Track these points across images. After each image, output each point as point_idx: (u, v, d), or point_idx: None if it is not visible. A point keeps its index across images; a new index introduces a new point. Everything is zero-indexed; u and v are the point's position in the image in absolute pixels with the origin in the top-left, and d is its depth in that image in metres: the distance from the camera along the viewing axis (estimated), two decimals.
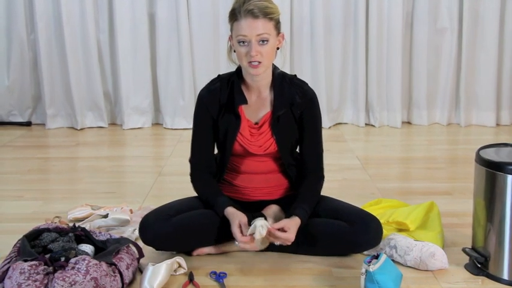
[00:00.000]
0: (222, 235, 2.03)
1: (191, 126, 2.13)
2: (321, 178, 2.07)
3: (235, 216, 1.92)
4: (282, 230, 1.89)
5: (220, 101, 2.01)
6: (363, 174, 3.16)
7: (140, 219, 2.06)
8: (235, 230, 1.87)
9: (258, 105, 2.04)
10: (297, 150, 2.14)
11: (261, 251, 2.00)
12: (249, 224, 1.91)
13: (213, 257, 2.10)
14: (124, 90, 4.25)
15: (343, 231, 1.98)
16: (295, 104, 2.01)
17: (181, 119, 4.29)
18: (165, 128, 4.31)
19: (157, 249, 2.04)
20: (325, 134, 2.18)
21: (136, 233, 2.21)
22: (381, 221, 2.09)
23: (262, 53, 1.90)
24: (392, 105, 4.29)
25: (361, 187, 2.93)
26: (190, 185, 2.12)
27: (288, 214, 1.96)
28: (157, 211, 2.02)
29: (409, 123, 4.38)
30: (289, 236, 1.88)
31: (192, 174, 2.09)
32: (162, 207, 2.04)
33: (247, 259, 2.09)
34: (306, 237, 2.01)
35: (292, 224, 1.91)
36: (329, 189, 2.21)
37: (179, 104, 4.27)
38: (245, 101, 2.00)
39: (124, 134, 4.17)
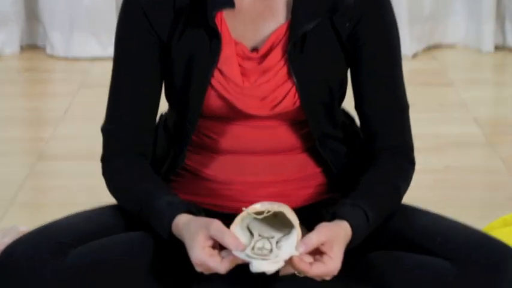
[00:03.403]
0: (178, 280, 1.87)
1: (109, 53, 2.02)
2: (407, 162, 1.94)
3: (195, 227, 1.74)
4: (317, 251, 1.71)
5: (175, 4, 1.89)
6: (488, 157, 3.10)
7: None
8: (201, 255, 1.68)
9: (258, 12, 1.92)
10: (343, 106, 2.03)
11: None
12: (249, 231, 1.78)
13: None
14: None
15: (444, 281, 1.76)
16: (339, 6, 1.87)
17: (87, 37, 4.08)
18: (50, 55, 4.15)
19: None
20: (406, 69, 1.97)
21: None
22: None
23: None
24: None
25: (484, 184, 2.86)
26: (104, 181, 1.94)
27: (327, 215, 1.81)
28: (36, 237, 1.83)
29: None
30: (330, 268, 1.70)
31: (105, 158, 1.94)
32: (47, 229, 1.86)
33: None
34: (364, 285, 1.86)
35: (337, 238, 1.73)
36: (416, 189, 1.99)
37: (82, 7, 4.06)
38: (229, 2, 1.85)
39: None
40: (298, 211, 1.81)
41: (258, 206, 1.71)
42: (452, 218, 1.87)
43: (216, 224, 1.68)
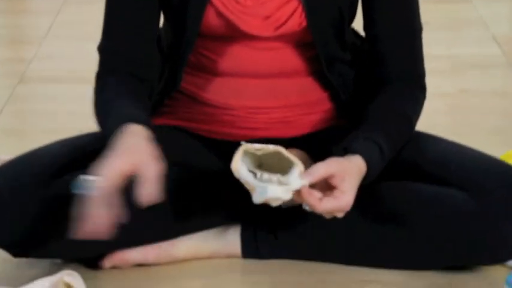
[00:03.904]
0: (172, 214, 1.88)
1: None
2: (417, 88, 1.95)
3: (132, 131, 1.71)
4: (327, 185, 1.70)
5: None
6: (508, 79, 3.09)
7: None
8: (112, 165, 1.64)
9: None
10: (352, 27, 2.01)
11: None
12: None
13: (150, 271, 1.91)
14: None
15: (459, 212, 1.81)
16: None
17: None
18: None
19: (16, 256, 1.86)
20: None
21: None
22: None
23: None
24: None
25: (503, 109, 2.82)
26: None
27: (337, 151, 1.79)
28: (17, 166, 1.88)
29: None
30: (342, 204, 1.70)
31: (99, 75, 1.91)
32: (29, 158, 1.90)
33: (239, 272, 1.91)
34: (376, 224, 1.89)
35: (349, 171, 1.74)
36: (430, 114, 2.03)
37: None
38: None
39: None
40: (302, 139, 1.87)
41: (255, 145, 1.71)
42: (468, 145, 1.90)
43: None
